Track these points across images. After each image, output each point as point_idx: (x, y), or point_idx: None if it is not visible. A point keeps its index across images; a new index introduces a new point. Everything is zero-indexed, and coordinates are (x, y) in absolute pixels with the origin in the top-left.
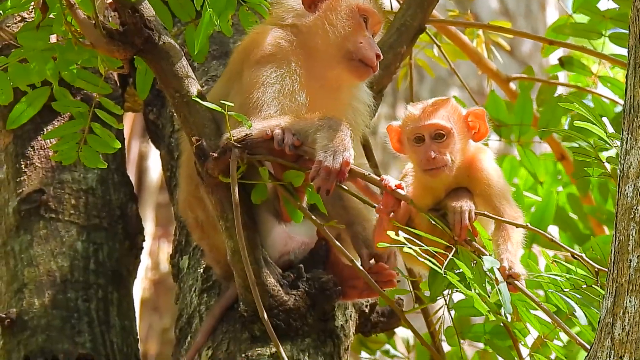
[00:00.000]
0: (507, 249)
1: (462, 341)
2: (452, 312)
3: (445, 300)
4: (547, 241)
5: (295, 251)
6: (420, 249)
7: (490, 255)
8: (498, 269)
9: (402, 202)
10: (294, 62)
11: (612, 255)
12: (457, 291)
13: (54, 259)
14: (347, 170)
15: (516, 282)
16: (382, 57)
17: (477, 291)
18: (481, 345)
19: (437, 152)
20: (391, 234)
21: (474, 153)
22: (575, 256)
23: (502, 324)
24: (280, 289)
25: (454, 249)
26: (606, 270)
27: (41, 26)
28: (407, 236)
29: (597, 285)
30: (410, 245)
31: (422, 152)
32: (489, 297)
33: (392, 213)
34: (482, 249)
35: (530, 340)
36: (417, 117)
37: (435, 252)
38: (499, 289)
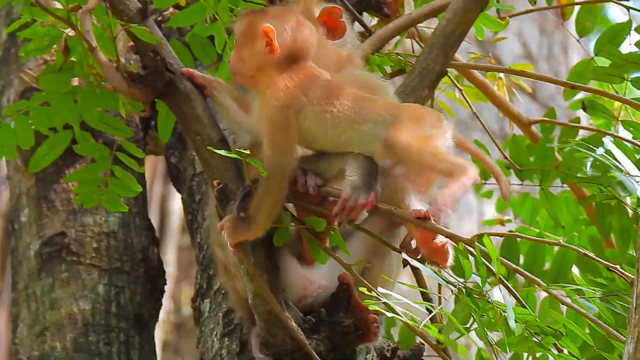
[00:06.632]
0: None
1: None
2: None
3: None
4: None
5: (314, 295)
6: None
7: None
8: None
9: None
10: None
11: (634, 300)
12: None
13: (76, 302)
14: (370, 208)
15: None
16: None
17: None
18: None
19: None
20: None
21: None
22: (610, 268)
23: None
24: (302, 332)
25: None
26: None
27: (63, 69)
28: None
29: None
30: None
31: None
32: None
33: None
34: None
35: None
36: None
37: None
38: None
